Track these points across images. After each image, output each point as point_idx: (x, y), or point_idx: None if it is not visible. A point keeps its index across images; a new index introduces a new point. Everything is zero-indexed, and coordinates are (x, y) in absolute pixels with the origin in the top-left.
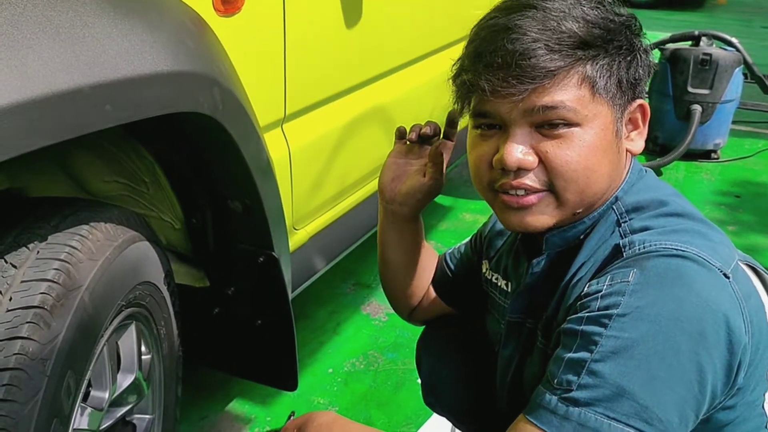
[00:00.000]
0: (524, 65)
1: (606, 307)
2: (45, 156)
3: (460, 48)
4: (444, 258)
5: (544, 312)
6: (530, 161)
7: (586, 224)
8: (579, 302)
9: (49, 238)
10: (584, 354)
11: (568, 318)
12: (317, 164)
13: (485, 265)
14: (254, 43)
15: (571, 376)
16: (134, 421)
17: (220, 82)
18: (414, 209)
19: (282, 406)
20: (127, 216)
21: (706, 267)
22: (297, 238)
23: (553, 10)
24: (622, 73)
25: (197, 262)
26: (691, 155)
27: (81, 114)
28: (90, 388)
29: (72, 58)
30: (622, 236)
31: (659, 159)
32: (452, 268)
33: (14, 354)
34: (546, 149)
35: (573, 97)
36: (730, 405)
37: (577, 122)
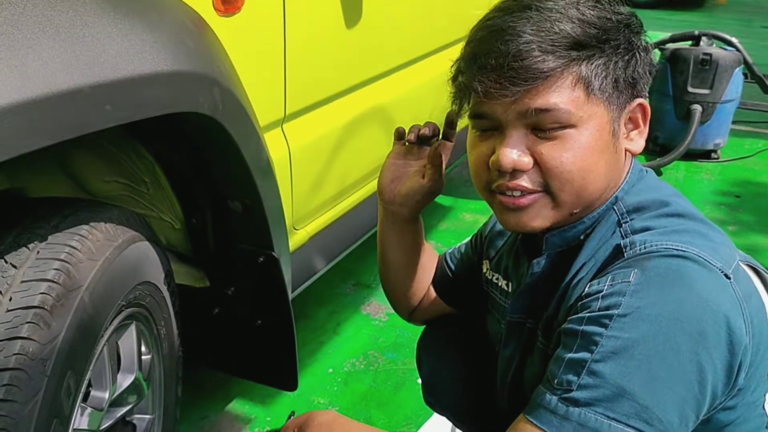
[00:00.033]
0: (517, 67)
1: (607, 308)
2: (45, 156)
3: (460, 48)
4: (444, 258)
5: (545, 312)
6: (525, 163)
7: (586, 224)
8: (580, 302)
9: (49, 238)
10: (584, 354)
11: (569, 318)
12: (317, 164)
13: (486, 265)
14: (254, 43)
15: (572, 376)
16: (134, 421)
17: (220, 82)
18: (413, 210)
19: (282, 406)
20: (127, 216)
21: (707, 267)
22: (297, 238)
23: (549, 11)
24: (619, 73)
25: (197, 262)
26: (691, 155)
27: (81, 114)
28: (90, 388)
29: (72, 58)
30: (623, 236)
31: (659, 159)
32: (452, 269)
33: (14, 354)
34: (541, 151)
35: (567, 99)
36: (731, 405)
37: (572, 123)
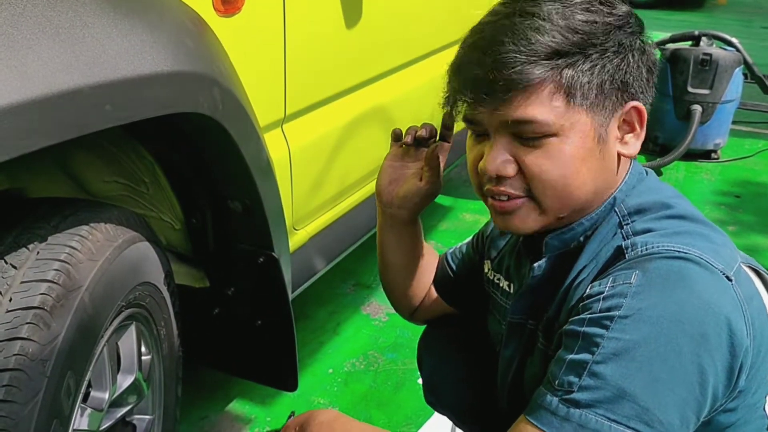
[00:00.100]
0: (496, 78)
1: (608, 309)
2: (45, 156)
3: None
4: (445, 258)
5: (546, 313)
6: (509, 170)
7: (585, 226)
8: (581, 304)
9: (49, 239)
10: (586, 355)
11: (570, 319)
12: (317, 164)
13: (487, 265)
14: (254, 43)
15: (573, 378)
16: (134, 422)
17: (220, 82)
18: (412, 212)
19: (282, 406)
20: (127, 216)
21: (709, 269)
22: (297, 239)
23: (533, 17)
24: (606, 77)
25: (197, 263)
26: (691, 155)
27: (81, 114)
28: (90, 389)
29: (72, 59)
30: (625, 238)
31: (659, 159)
32: (454, 269)
33: (14, 355)
34: (524, 158)
35: (545, 110)
36: (732, 407)
37: (553, 133)
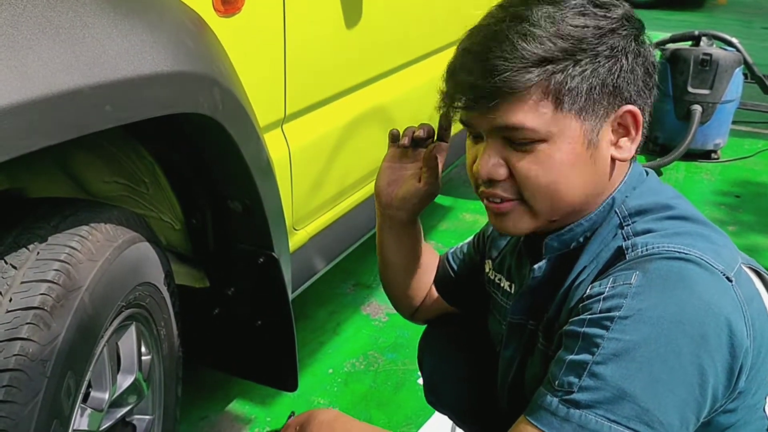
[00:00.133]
0: (484, 85)
1: (608, 309)
2: (45, 156)
3: None
4: (446, 258)
5: (546, 313)
6: (500, 173)
7: (584, 226)
8: (581, 304)
9: (49, 239)
10: (586, 356)
11: (570, 320)
12: (317, 164)
13: (488, 265)
14: (254, 43)
15: (573, 378)
16: (134, 422)
17: (220, 82)
18: (411, 213)
19: (282, 406)
20: (127, 216)
21: (709, 270)
22: (297, 239)
23: (523, 22)
24: (595, 82)
25: (197, 263)
26: (691, 155)
27: (81, 114)
28: (90, 389)
29: (72, 59)
30: (625, 238)
31: (659, 159)
32: (455, 269)
33: (14, 355)
34: (515, 163)
35: (533, 117)
36: (732, 408)
37: (542, 139)
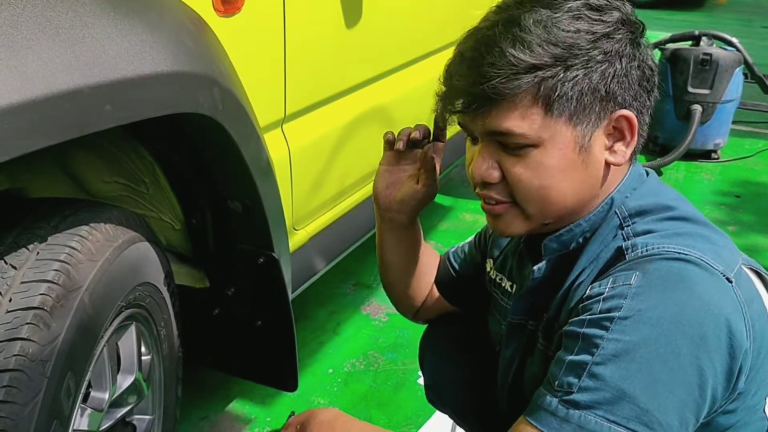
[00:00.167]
0: (474, 92)
1: (608, 310)
2: (45, 156)
3: None
4: (447, 257)
5: (546, 314)
6: (493, 176)
7: (583, 227)
8: (581, 305)
9: (49, 239)
10: (585, 357)
11: (570, 320)
12: (317, 164)
13: (489, 264)
14: (254, 43)
15: (572, 379)
16: (134, 422)
17: (220, 82)
18: (410, 215)
19: (282, 406)
20: (127, 216)
21: (709, 271)
22: (297, 239)
23: (515, 28)
24: (585, 88)
25: (197, 263)
26: (691, 155)
27: (81, 114)
28: (90, 389)
29: (72, 59)
30: (625, 239)
31: (659, 159)
32: (456, 268)
33: (14, 355)
34: (507, 166)
35: (522, 123)
36: (731, 409)
37: (532, 144)
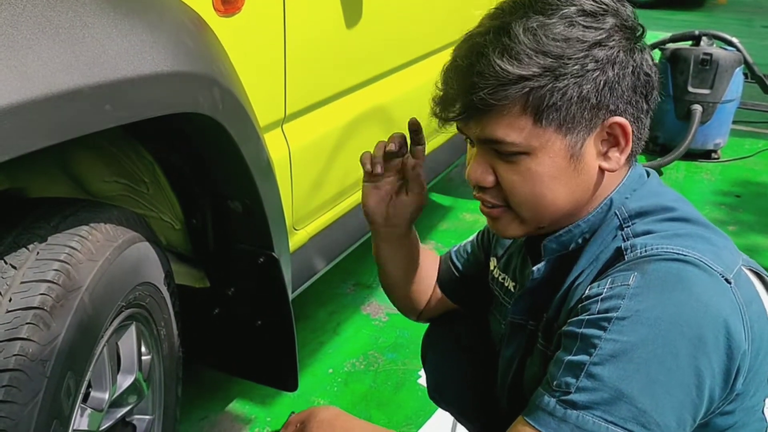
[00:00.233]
0: (463, 101)
1: (606, 310)
2: (45, 156)
3: None
4: (450, 257)
5: (545, 314)
6: (487, 181)
7: (582, 228)
8: (580, 305)
9: (49, 239)
10: (583, 357)
11: (569, 320)
12: (317, 164)
13: (493, 263)
14: (254, 43)
15: (570, 379)
16: (134, 422)
17: (220, 82)
18: (405, 226)
19: (282, 406)
20: (127, 216)
21: (708, 272)
22: (297, 239)
23: (505, 37)
24: (576, 97)
25: (197, 263)
26: (692, 155)
27: (81, 114)
28: (90, 389)
29: (72, 59)
30: (624, 239)
31: (659, 159)
32: (459, 268)
33: (14, 355)
34: (500, 172)
35: (511, 131)
36: (729, 410)
37: (524, 152)
